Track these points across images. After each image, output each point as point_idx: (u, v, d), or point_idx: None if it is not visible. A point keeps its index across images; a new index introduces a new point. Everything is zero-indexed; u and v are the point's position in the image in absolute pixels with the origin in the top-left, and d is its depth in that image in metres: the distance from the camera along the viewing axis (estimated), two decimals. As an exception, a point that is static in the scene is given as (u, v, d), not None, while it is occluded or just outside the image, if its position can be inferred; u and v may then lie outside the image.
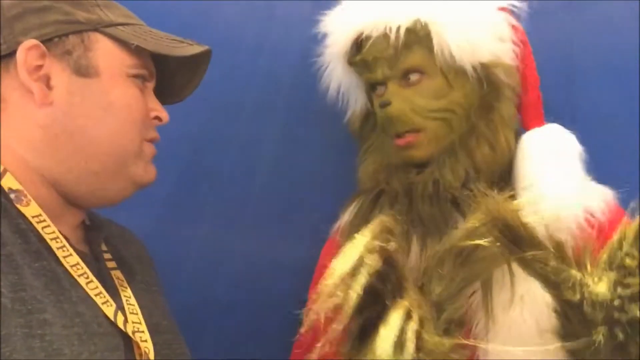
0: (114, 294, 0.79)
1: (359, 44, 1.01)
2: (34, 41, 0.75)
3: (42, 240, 0.73)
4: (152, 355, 0.77)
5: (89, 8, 0.79)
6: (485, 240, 0.75)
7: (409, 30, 0.96)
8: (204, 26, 1.17)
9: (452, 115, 0.96)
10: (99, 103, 0.77)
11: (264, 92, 1.20)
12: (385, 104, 0.96)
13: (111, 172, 0.79)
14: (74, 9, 0.77)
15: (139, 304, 0.82)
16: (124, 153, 0.79)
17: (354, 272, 0.75)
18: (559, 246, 0.75)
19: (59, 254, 0.73)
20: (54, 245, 0.73)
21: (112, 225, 0.92)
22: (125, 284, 0.83)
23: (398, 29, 0.96)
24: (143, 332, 0.79)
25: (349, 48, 1.02)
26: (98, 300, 0.74)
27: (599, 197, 0.94)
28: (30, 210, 0.73)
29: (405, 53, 0.97)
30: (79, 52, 0.77)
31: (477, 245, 0.77)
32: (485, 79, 0.96)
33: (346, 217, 1.03)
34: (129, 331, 0.76)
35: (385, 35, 0.97)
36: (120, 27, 0.80)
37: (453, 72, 0.96)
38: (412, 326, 0.73)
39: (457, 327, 0.81)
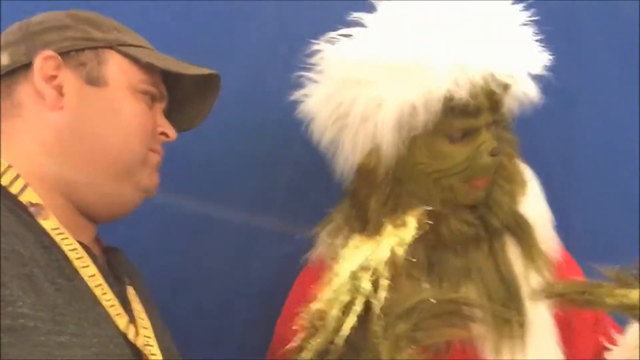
0: (128, 308, 0.80)
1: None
2: (50, 52, 0.79)
3: (64, 255, 0.73)
4: None
5: (106, 30, 0.84)
6: None
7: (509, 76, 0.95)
8: (228, 49, 1.19)
9: None
10: (107, 110, 0.81)
11: (283, 113, 1.17)
12: (498, 152, 0.95)
13: (118, 178, 0.81)
14: (93, 29, 0.83)
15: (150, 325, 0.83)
16: (130, 160, 0.82)
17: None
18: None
19: (77, 264, 0.74)
20: (72, 256, 0.74)
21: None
22: (138, 300, 0.84)
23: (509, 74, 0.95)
24: (153, 346, 0.80)
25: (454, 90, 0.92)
26: (111, 312, 0.75)
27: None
28: (50, 223, 0.74)
29: (504, 100, 0.97)
30: (92, 64, 0.81)
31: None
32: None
33: None
34: (140, 344, 0.77)
35: (492, 79, 0.93)
36: (134, 48, 0.84)
37: None
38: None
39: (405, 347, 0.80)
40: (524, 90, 0.98)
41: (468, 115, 0.93)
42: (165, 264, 1.14)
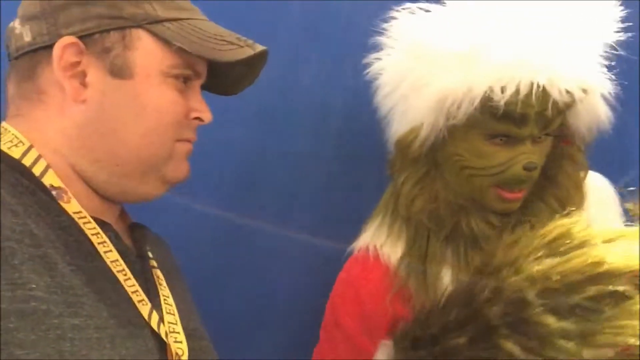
0: (153, 292, 0.79)
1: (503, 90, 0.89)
2: (71, 38, 0.73)
3: (84, 236, 0.71)
4: (185, 357, 0.76)
5: (137, 1, 0.76)
6: None
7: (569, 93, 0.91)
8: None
9: None
10: (131, 106, 0.75)
11: (320, 108, 1.20)
12: (533, 168, 0.92)
13: (141, 173, 0.78)
14: (121, 0, 0.75)
15: (177, 307, 0.81)
16: (154, 156, 0.77)
17: None
18: None
19: (100, 249, 0.72)
20: (95, 240, 0.72)
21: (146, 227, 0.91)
22: (165, 284, 0.82)
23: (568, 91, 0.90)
24: (178, 333, 0.78)
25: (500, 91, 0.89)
26: (134, 298, 0.73)
27: None
28: (72, 206, 0.72)
29: (558, 117, 0.93)
30: (117, 50, 0.74)
31: None
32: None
33: (390, 241, 1.02)
34: (162, 332, 0.75)
35: (542, 92, 0.89)
36: (167, 24, 0.77)
37: None
38: None
39: None
40: (592, 112, 0.95)
41: (510, 122, 0.91)
42: (197, 258, 1.13)
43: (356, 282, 1.02)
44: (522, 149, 0.93)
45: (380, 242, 1.02)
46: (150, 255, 0.84)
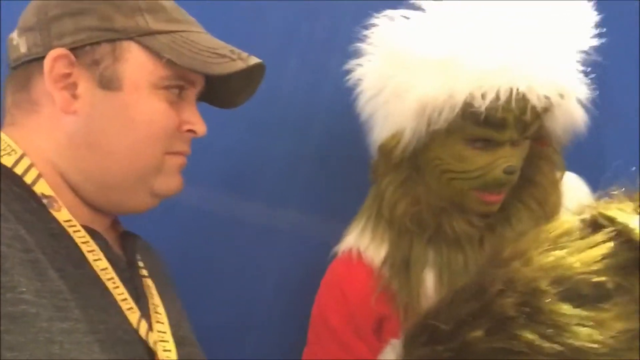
0: (143, 301, 0.79)
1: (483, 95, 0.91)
2: (62, 50, 0.73)
3: (74, 244, 0.72)
4: None
5: (129, 13, 0.75)
6: None
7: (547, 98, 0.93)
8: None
9: None
10: (120, 118, 0.75)
11: (303, 112, 1.20)
12: (513, 171, 0.94)
13: (129, 186, 0.78)
14: (114, 12, 0.75)
15: (168, 316, 0.81)
16: (142, 168, 0.77)
17: None
18: None
19: (89, 257, 0.73)
20: (84, 248, 0.73)
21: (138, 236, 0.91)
22: (155, 292, 0.82)
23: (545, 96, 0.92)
24: (167, 341, 0.78)
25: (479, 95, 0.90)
26: (123, 306, 0.74)
27: None
28: (62, 215, 0.73)
29: (536, 121, 0.95)
30: (107, 62, 0.74)
31: None
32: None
33: (374, 244, 1.03)
34: (151, 340, 0.75)
35: (520, 97, 0.90)
36: (159, 36, 0.76)
37: None
38: None
39: None
40: (569, 115, 0.97)
41: (490, 127, 0.92)
42: (185, 261, 1.13)
43: (341, 283, 1.03)
44: (501, 153, 0.94)
45: (364, 245, 1.03)
46: (140, 264, 0.84)
